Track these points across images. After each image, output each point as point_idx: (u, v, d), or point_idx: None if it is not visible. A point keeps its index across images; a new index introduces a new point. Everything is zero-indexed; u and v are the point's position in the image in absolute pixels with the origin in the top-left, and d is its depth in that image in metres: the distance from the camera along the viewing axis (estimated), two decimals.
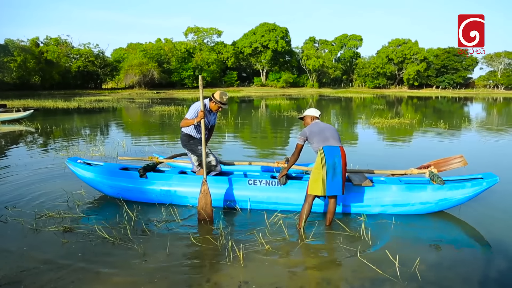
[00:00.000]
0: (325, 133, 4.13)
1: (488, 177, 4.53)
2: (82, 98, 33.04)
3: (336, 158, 3.97)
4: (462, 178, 4.72)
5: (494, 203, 5.10)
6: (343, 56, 71.95)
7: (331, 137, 4.10)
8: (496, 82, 69.80)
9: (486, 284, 3.16)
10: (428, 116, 19.59)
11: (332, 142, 4.05)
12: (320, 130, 4.17)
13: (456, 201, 4.55)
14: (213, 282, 3.12)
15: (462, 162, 4.90)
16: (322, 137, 4.10)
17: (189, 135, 4.97)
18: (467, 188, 4.49)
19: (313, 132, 4.17)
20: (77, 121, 16.72)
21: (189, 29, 62.27)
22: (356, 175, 4.84)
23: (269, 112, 22.16)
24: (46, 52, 47.27)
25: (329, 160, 3.96)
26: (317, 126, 4.25)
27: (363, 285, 3.13)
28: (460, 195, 4.49)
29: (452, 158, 4.98)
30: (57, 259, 3.45)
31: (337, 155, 3.99)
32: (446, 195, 4.51)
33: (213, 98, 4.81)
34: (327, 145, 4.03)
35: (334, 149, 4.01)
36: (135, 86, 51.27)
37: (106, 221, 4.33)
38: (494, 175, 4.54)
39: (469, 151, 9.25)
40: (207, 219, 4.37)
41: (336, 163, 3.96)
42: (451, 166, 4.94)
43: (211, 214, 4.39)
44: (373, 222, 4.43)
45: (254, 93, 51.10)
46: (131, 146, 9.32)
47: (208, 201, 4.39)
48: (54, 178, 6.16)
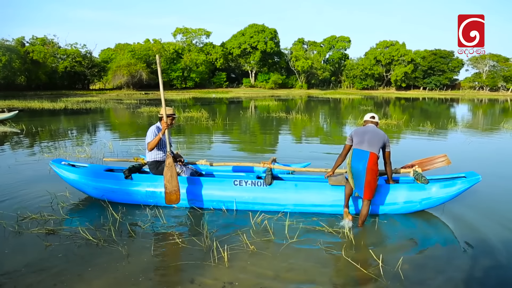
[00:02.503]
0: (364, 136, 4.29)
1: (470, 176, 4.60)
2: (69, 99, 32.65)
3: (362, 162, 4.15)
4: (445, 177, 4.78)
5: (477, 202, 5.19)
6: (332, 57, 72.38)
7: (367, 141, 4.25)
8: (481, 83, 70.93)
9: (469, 283, 3.21)
10: (415, 117, 19.82)
11: (364, 146, 4.22)
12: (362, 133, 4.35)
13: (440, 200, 4.60)
14: (197, 283, 3.11)
15: (446, 161, 4.96)
16: (359, 140, 4.30)
17: (155, 161, 5.01)
18: (450, 187, 4.55)
19: (356, 134, 4.38)
20: (64, 122, 16.52)
21: (177, 30, 61.98)
22: (335, 175, 4.86)
23: (258, 113, 22.17)
24: (32, 52, 46.46)
25: (354, 162, 4.20)
26: (363, 128, 4.44)
27: (347, 284, 3.16)
28: (444, 194, 4.55)
29: (436, 158, 5.04)
30: (39, 262, 3.41)
31: (364, 159, 4.15)
32: (430, 194, 4.56)
33: (161, 115, 4.86)
34: (358, 148, 4.24)
35: (363, 153, 4.19)
36: (123, 87, 50.79)
37: (91, 223, 4.28)
38: (477, 174, 4.60)
39: (453, 150, 9.38)
40: (175, 194, 4.47)
41: (360, 166, 4.15)
42: (435, 165, 5.00)
43: (177, 187, 4.48)
44: (357, 221, 4.45)
45: (243, 94, 51.08)
46: (118, 147, 9.23)
47: (174, 174, 4.48)
48: (39, 180, 6.08)
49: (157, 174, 5.01)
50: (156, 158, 4.99)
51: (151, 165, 5.03)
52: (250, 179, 4.90)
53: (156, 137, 4.78)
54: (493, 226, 4.38)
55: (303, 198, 4.69)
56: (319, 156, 8.53)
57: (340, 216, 4.57)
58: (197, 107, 23.76)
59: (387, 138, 4.37)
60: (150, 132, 4.90)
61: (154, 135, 4.87)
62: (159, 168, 5.00)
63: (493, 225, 4.41)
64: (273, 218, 4.51)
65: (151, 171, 5.08)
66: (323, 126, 15.88)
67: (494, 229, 4.29)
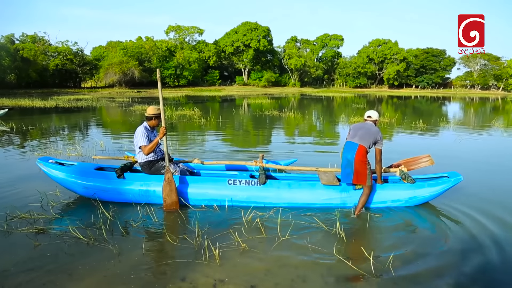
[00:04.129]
0: (357, 131, 4.58)
1: (452, 176, 4.85)
2: (60, 97, 32.28)
3: (350, 152, 4.45)
4: (430, 177, 5.01)
5: (466, 198, 5.25)
6: (325, 55, 72.44)
7: (359, 135, 4.53)
8: (473, 82, 71.55)
9: (458, 279, 3.24)
10: (407, 115, 19.94)
11: (356, 139, 4.50)
12: (357, 128, 4.64)
13: (425, 199, 4.85)
14: (188, 281, 3.10)
15: (429, 161, 5.10)
16: (352, 134, 4.62)
17: (148, 162, 4.99)
18: (434, 186, 4.78)
19: (353, 128, 4.71)
20: (55, 120, 16.34)
21: (170, 28, 61.58)
22: (326, 174, 5.08)
23: (251, 111, 22.15)
24: (22, 50, 45.83)
25: (344, 153, 4.53)
26: (360, 124, 4.72)
27: (339, 281, 3.17)
28: (428, 193, 4.79)
29: (420, 158, 5.19)
30: (28, 261, 3.37)
31: (352, 150, 4.45)
32: (416, 193, 4.78)
33: (149, 115, 4.95)
34: (349, 141, 4.56)
35: (352, 145, 4.48)
36: (115, 85, 50.35)
37: (81, 221, 4.25)
38: (458, 174, 4.87)
39: (445, 148, 9.47)
40: (174, 206, 4.59)
41: (349, 156, 4.45)
42: (419, 165, 5.14)
43: (176, 200, 4.59)
44: (348, 219, 4.51)
45: (236, 92, 50.97)
46: (110, 145, 9.17)
47: (173, 188, 4.57)
48: (28, 179, 6.01)
49: (149, 174, 4.99)
50: (148, 158, 4.96)
51: (144, 165, 5.00)
52: (243, 178, 4.94)
53: (154, 141, 4.77)
54: (481, 222, 4.44)
55: (296, 197, 4.79)
56: (310, 154, 8.55)
57: (331, 212, 4.64)
58: (190, 105, 23.66)
59: (380, 136, 4.52)
60: (139, 133, 4.88)
61: (143, 136, 4.85)
62: (152, 169, 4.98)
63: (481, 221, 4.47)
64: (265, 215, 4.51)
65: (143, 171, 5.05)
66: (315, 124, 15.91)
67: (482, 225, 4.35)
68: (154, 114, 4.96)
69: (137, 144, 4.88)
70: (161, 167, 5.00)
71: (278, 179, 5.21)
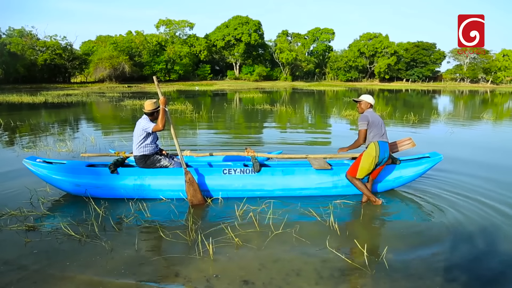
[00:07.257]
0: (382, 129, 4.55)
1: (433, 156, 5.16)
2: (49, 93, 31.88)
3: (386, 154, 4.50)
4: (413, 158, 5.29)
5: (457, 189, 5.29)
6: (316, 49, 72.46)
7: (385, 133, 4.58)
8: (462, 75, 72.19)
9: (451, 270, 3.27)
10: (399, 109, 20.05)
11: (385, 138, 4.54)
12: (379, 123, 4.55)
13: (410, 178, 5.11)
14: (182, 276, 3.09)
15: (411, 144, 5.30)
16: (380, 131, 4.52)
17: (143, 156, 4.94)
18: (418, 165, 5.06)
19: (373, 122, 4.52)
20: (44, 116, 16.12)
21: (160, 22, 60.98)
22: (316, 159, 5.22)
23: (242, 105, 22.09)
24: (10, 44, 45.05)
25: (382, 155, 4.46)
26: (375, 117, 4.59)
27: (332, 275, 3.17)
28: (413, 173, 5.06)
29: (402, 141, 5.36)
30: (19, 259, 3.32)
31: (386, 150, 4.50)
32: (402, 173, 5.06)
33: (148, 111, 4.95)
34: (382, 141, 4.50)
35: (386, 146, 4.52)
36: (106, 80, 49.78)
37: (72, 218, 4.20)
38: (439, 154, 5.17)
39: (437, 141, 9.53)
40: (201, 203, 4.66)
41: (385, 158, 4.51)
42: (402, 148, 5.34)
43: (202, 199, 4.67)
44: (342, 211, 4.55)
45: (227, 87, 50.80)
46: (101, 141, 9.07)
47: (196, 187, 4.62)
48: (17, 175, 5.89)
49: (144, 167, 4.95)
50: (144, 152, 4.91)
51: (139, 159, 4.95)
52: (238, 167, 5.00)
53: (161, 112, 4.78)
54: (473, 211, 4.47)
55: (290, 183, 4.93)
56: (301, 146, 8.56)
57: (325, 204, 4.72)
58: (181, 100, 23.52)
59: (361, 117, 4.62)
60: (145, 121, 4.88)
61: (149, 122, 4.89)
62: (147, 162, 4.94)
63: (473, 211, 4.50)
64: (258, 209, 4.51)
65: (138, 165, 5.00)
66: (307, 118, 15.92)
67: (475, 214, 4.38)
68: (153, 109, 4.93)
69: (146, 129, 4.82)
70: (157, 160, 4.99)
71: (271, 167, 5.29)
